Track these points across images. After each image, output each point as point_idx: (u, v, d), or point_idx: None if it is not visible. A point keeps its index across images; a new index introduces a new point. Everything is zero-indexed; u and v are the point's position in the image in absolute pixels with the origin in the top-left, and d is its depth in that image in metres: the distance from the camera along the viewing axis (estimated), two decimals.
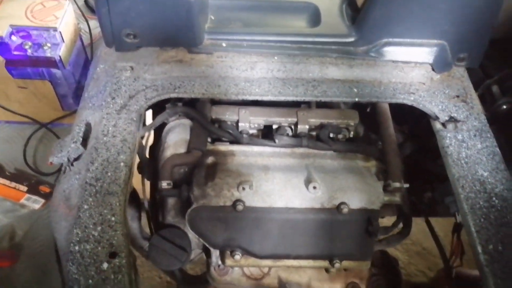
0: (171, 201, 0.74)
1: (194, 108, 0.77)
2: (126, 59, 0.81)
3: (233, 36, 0.78)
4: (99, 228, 0.58)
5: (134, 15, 0.76)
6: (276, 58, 0.77)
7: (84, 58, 1.38)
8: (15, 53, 1.15)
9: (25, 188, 1.22)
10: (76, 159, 0.69)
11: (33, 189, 1.23)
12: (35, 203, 1.22)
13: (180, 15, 0.74)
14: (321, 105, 0.78)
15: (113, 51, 0.83)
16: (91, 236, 0.57)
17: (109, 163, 0.64)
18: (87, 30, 1.42)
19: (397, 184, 0.70)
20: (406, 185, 0.70)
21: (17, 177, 1.24)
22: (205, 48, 0.77)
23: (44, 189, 1.24)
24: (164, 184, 0.70)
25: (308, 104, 0.79)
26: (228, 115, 0.76)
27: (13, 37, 1.16)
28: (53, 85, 1.24)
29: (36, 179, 1.26)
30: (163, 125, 0.79)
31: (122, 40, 0.83)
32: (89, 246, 0.57)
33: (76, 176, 0.66)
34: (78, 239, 0.57)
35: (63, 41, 1.18)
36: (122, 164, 0.64)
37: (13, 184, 1.22)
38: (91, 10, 1.70)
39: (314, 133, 0.76)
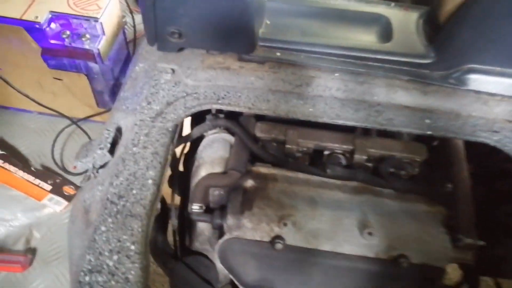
0: (201, 226, 0.65)
1: (237, 122, 0.68)
2: (168, 60, 0.73)
3: (290, 46, 0.68)
4: (115, 257, 0.49)
5: (182, 12, 0.67)
6: (336, 74, 0.67)
7: (126, 54, 1.32)
8: (52, 41, 1.10)
9: (49, 187, 1.16)
10: (101, 167, 0.61)
11: (57, 189, 1.17)
12: (57, 204, 1.16)
13: (234, 16, 0.65)
14: (381, 133, 0.67)
15: (154, 50, 0.75)
16: (105, 266, 0.49)
17: (135, 179, 0.56)
18: (132, 24, 1.36)
19: (470, 240, 0.58)
20: (481, 243, 0.59)
21: (42, 174, 1.18)
22: (257, 56, 0.68)
23: (68, 190, 1.18)
24: (195, 207, 0.61)
25: (365, 131, 0.69)
26: (274, 134, 0.66)
27: (52, 25, 1.11)
28: (89, 80, 1.17)
29: (61, 179, 1.20)
30: (200, 137, 0.70)
31: (165, 38, 0.74)
32: (101, 278, 0.48)
33: (99, 187, 0.58)
34: (89, 267, 0.49)
35: (104, 34, 1.12)
36: (150, 181, 0.55)
37: (37, 181, 1.16)
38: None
39: (371, 166, 0.65)
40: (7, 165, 1.19)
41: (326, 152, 0.66)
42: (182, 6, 0.68)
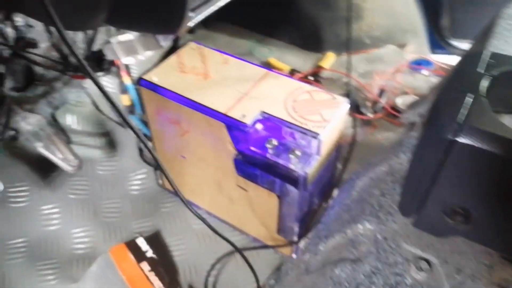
0: None
1: None
2: (423, 245, 0.50)
3: None
4: None
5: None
6: None
7: (330, 175, 1.00)
8: (252, 148, 0.83)
9: None
10: None
11: None
12: None
13: None
14: None
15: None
16: None
17: None
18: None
19: None
20: None
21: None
22: None
23: None
24: None
25: None
26: None
27: (258, 125, 0.85)
28: (280, 202, 0.87)
29: None
30: None
31: (437, 217, 0.49)
32: None
33: None
34: None
35: (319, 154, 0.81)
36: None
37: None
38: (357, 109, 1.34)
39: None
40: (152, 276, 0.94)
41: None
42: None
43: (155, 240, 1.03)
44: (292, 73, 1.47)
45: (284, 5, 1.57)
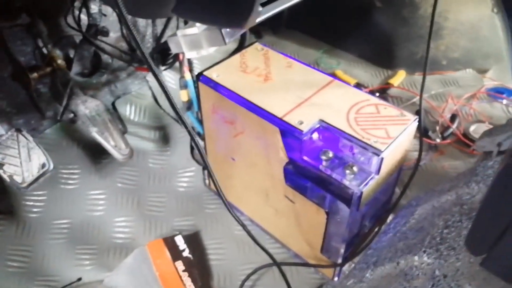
0: None
1: None
2: None
3: None
4: None
5: None
6: None
7: (386, 198, 0.92)
8: (305, 158, 0.78)
9: None
10: None
11: None
12: None
13: None
14: None
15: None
16: None
17: None
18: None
19: None
20: None
21: None
22: None
23: None
24: None
25: None
26: None
27: (314, 135, 0.79)
28: (328, 220, 0.81)
29: None
30: None
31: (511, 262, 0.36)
32: None
33: None
34: None
35: (378, 174, 0.74)
36: None
37: None
38: (424, 132, 1.25)
39: None
40: (185, 276, 0.91)
41: None
42: None
43: (193, 240, 1.00)
44: (358, 87, 1.39)
45: (357, 17, 1.51)
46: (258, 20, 0.69)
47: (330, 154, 0.76)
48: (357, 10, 1.50)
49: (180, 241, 0.96)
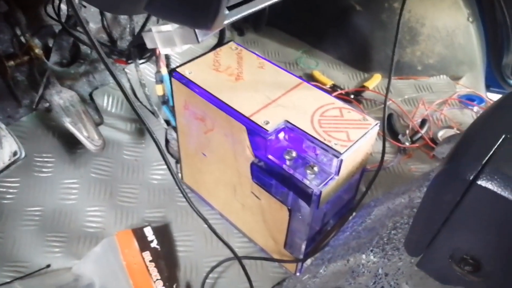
0: None
1: None
2: None
3: None
4: None
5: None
6: None
7: (351, 197, 0.95)
8: (270, 157, 0.81)
9: None
10: None
11: None
12: None
13: None
14: None
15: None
16: None
17: None
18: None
19: None
20: None
21: None
22: None
23: None
24: None
25: None
26: None
27: (280, 135, 0.82)
28: (290, 217, 0.84)
29: None
30: None
31: (444, 262, 0.46)
32: None
33: None
34: None
35: (338, 174, 0.77)
36: None
37: None
38: (394, 135, 1.29)
39: None
40: (152, 267, 0.93)
41: None
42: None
43: (163, 231, 1.03)
44: (334, 88, 1.43)
45: (337, 19, 1.54)
46: (226, 22, 0.72)
47: (294, 154, 0.79)
48: (337, 13, 1.53)
49: (149, 232, 0.99)
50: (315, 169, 0.77)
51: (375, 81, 1.47)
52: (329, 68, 1.54)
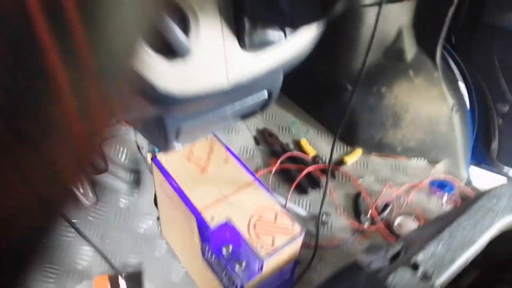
0: None
1: None
2: None
3: None
4: None
5: None
6: None
7: (285, 280, 1.12)
8: (210, 249, 0.99)
9: None
10: None
11: None
12: None
13: None
14: None
15: None
16: None
17: None
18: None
19: None
20: None
21: None
22: None
23: None
24: None
25: None
26: None
27: (223, 229, 1.00)
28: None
29: None
30: None
31: None
32: None
33: None
34: None
35: (260, 272, 0.95)
36: None
37: None
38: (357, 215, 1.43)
39: None
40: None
41: None
42: None
43: (134, 279, 1.24)
44: (315, 159, 1.58)
45: (329, 92, 1.68)
46: (178, 148, 0.92)
47: (230, 249, 0.98)
48: (330, 87, 1.67)
49: (121, 281, 1.20)
50: (243, 265, 0.95)
51: (356, 155, 1.61)
52: (316, 137, 1.69)
